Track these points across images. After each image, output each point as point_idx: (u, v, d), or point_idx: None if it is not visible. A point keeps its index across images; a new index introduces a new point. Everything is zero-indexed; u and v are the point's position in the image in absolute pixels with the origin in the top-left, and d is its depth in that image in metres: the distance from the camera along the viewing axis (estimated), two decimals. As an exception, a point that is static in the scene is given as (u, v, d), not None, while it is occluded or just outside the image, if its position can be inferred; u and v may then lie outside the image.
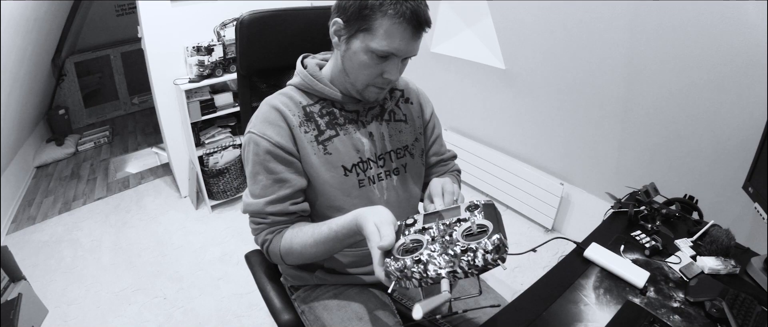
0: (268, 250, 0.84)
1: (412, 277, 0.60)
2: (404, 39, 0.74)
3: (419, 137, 0.97)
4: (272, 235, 0.83)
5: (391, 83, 0.81)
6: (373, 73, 0.79)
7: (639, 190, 1.09)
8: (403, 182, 0.93)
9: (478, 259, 0.58)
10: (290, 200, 0.82)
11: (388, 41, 0.73)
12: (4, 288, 1.63)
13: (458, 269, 0.59)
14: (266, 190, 0.82)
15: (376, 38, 0.74)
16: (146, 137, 3.61)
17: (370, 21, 0.73)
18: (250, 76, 1.09)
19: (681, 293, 0.83)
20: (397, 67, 0.78)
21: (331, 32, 0.80)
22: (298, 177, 0.83)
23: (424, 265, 0.60)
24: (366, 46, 0.75)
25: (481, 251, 0.58)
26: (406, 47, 0.75)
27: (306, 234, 0.79)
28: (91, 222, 2.43)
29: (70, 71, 3.63)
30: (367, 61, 0.76)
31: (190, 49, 2.19)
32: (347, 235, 0.74)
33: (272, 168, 0.81)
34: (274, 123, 0.82)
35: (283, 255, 0.82)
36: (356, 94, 0.84)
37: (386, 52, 0.75)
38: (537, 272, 1.78)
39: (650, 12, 1.41)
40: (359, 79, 0.80)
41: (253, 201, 0.83)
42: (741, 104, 1.32)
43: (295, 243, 0.80)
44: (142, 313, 1.77)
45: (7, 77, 2.30)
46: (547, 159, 2.11)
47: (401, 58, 0.77)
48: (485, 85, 2.19)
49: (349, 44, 0.77)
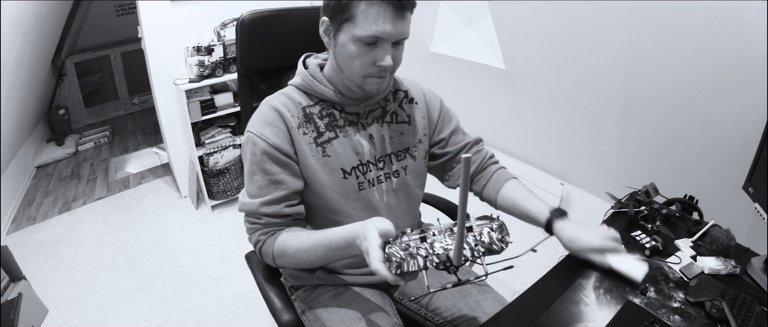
0: (261, 250, 0.84)
1: (418, 255, 0.59)
2: (386, 20, 0.72)
3: (423, 138, 0.95)
4: (266, 236, 0.82)
5: (388, 70, 0.78)
6: (365, 63, 0.76)
7: (639, 190, 1.09)
8: (403, 185, 0.93)
9: (484, 235, 0.61)
10: (285, 202, 0.82)
11: (370, 25, 0.72)
12: (4, 288, 1.63)
13: (465, 244, 0.59)
14: (262, 190, 0.81)
15: (358, 25, 0.73)
16: (146, 137, 3.61)
17: (350, 9, 0.73)
18: (251, 76, 1.09)
19: (681, 293, 0.83)
20: (388, 52, 0.75)
21: (321, 32, 0.80)
22: (294, 179, 0.82)
23: (430, 244, 0.60)
24: (351, 35, 0.74)
25: (487, 229, 0.61)
26: (390, 28, 0.73)
27: (300, 239, 0.79)
28: (91, 222, 2.43)
29: (70, 71, 3.63)
30: (356, 51, 0.75)
31: (190, 49, 2.19)
32: (341, 246, 0.74)
33: (268, 169, 0.81)
34: (272, 124, 0.81)
35: (276, 257, 0.82)
36: (357, 90, 0.82)
37: (371, 37, 0.73)
38: (537, 272, 1.78)
39: (650, 12, 1.41)
40: (354, 72, 0.78)
41: (248, 201, 0.82)
42: (741, 104, 1.32)
43: (288, 247, 0.80)
44: (142, 313, 1.77)
45: (7, 77, 2.30)
46: (547, 159, 2.11)
47: (391, 42, 0.75)
48: (485, 85, 2.19)
49: (337, 39, 0.77)
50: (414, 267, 0.59)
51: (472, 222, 0.64)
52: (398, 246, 0.61)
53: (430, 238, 0.61)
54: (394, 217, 0.91)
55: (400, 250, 0.60)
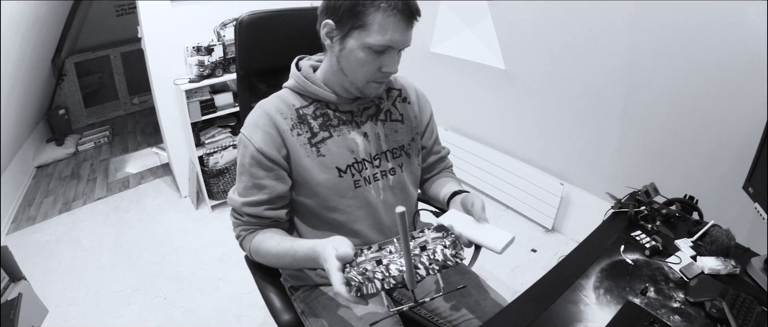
0: (241, 243, 0.91)
1: (374, 278, 0.62)
2: (398, 30, 0.75)
3: (416, 137, 0.97)
4: (246, 233, 0.89)
5: (390, 76, 0.82)
6: (372, 69, 0.79)
7: (639, 190, 1.09)
8: (399, 182, 0.94)
9: (437, 253, 0.65)
10: (266, 205, 0.86)
11: (383, 35, 0.74)
12: (4, 288, 1.63)
13: (420, 264, 0.64)
14: (246, 191, 0.86)
15: (371, 34, 0.74)
16: (146, 137, 3.61)
17: (364, 17, 0.74)
18: (250, 77, 1.09)
19: (681, 293, 0.83)
20: (394, 60, 0.79)
21: (323, 35, 0.80)
22: (278, 183, 0.85)
23: (385, 266, 0.63)
24: (362, 42, 0.75)
25: (440, 247, 0.65)
26: (401, 38, 0.76)
27: (271, 244, 0.84)
28: (91, 222, 2.43)
29: (70, 71, 3.63)
30: (364, 58, 0.77)
31: (190, 49, 2.18)
32: (304, 259, 0.78)
33: (254, 172, 0.84)
34: (262, 128, 0.83)
35: (252, 253, 0.88)
36: (356, 92, 0.84)
37: (383, 46, 0.75)
38: (537, 272, 1.79)
39: (650, 12, 1.41)
40: (359, 77, 0.81)
41: (235, 197, 0.88)
42: (741, 104, 1.32)
43: (262, 248, 0.85)
44: (142, 313, 1.77)
45: (7, 77, 2.30)
46: (547, 159, 2.11)
47: (397, 50, 0.78)
48: (485, 85, 2.19)
49: (344, 43, 0.78)
50: (372, 289, 0.62)
51: (427, 236, 0.67)
52: (356, 270, 0.63)
53: (386, 260, 0.64)
54: (392, 215, 0.93)
55: (358, 274, 0.63)
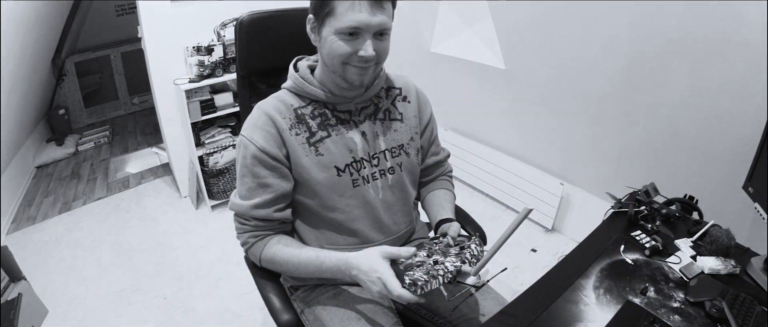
0: (248, 251, 0.90)
1: (438, 275, 0.72)
2: (364, 10, 0.74)
3: (415, 136, 0.97)
4: (255, 240, 0.88)
5: (370, 61, 0.79)
6: (346, 53, 0.78)
7: (639, 190, 1.09)
8: (398, 181, 0.94)
9: (473, 250, 0.79)
10: (274, 206, 0.86)
11: (348, 16, 0.75)
12: (4, 288, 1.63)
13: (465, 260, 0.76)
14: (251, 192, 0.85)
15: (338, 18, 0.76)
16: (146, 137, 3.61)
17: (330, 4, 0.75)
18: (250, 77, 1.09)
19: (681, 293, 0.83)
20: (367, 43, 0.77)
21: (308, 31, 0.83)
22: (282, 181, 0.86)
23: (442, 264, 0.74)
24: (332, 28, 0.77)
25: (474, 244, 0.80)
26: (368, 18, 0.75)
27: (291, 253, 0.85)
28: (91, 222, 2.43)
29: (70, 71, 3.63)
30: (338, 43, 0.77)
31: (190, 49, 2.18)
32: (331, 271, 0.80)
33: (257, 172, 0.84)
34: (263, 128, 0.84)
35: (263, 261, 0.88)
36: (341, 82, 0.83)
37: (350, 28, 0.75)
38: (537, 272, 1.78)
39: (650, 12, 1.41)
40: (335, 63, 0.80)
41: (239, 202, 0.87)
42: (741, 104, 1.32)
43: (278, 257, 0.86)
44: (142, 313, 1.77)
45: (7, 77, 2.30)
46: (547, 159, 2.11)
47: (371, 33, 0.77)
48: (485, 85, 2.19)
49: (321, 34, 0.80)
50: (435, 285, 0.71)
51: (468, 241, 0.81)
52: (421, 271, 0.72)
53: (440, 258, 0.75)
54: (391, 214, 0.93)
55: (424, 274, 0.71)
